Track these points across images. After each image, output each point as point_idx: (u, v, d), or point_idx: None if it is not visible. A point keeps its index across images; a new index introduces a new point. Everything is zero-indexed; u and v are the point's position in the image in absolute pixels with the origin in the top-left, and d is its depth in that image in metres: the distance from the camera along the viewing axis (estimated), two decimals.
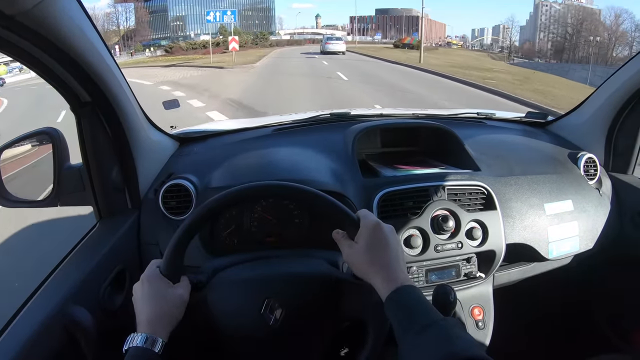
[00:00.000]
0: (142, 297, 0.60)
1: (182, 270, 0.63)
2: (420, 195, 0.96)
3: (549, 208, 1.08)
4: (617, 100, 1.19)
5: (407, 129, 1.23)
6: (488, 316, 1.00)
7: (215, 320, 0.62)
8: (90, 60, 0.75)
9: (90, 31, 0.74)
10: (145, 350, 0.55)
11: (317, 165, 1.01)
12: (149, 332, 0.56)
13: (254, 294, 0.62)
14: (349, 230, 0.62)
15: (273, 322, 0.59)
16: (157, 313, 0.58)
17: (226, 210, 0.90)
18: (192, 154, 1.11)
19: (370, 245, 0.58)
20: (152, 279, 0.61)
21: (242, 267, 0.69)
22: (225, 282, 0.65)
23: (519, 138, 1.32)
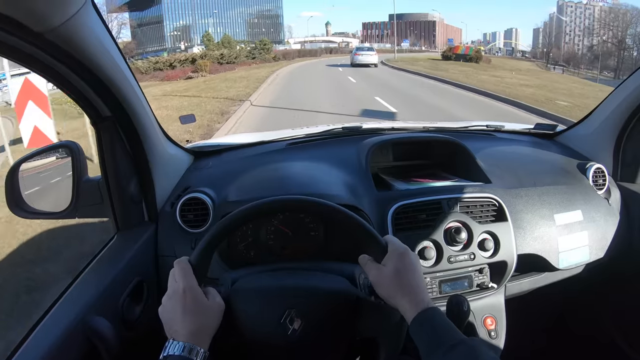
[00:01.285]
0: (184, 310, 0.59)
1: (207, 269, 0.64)
2: (433, 208, 0.98)
3: (559, 218, 1.09)
4: (624, 110, 1.20)
5: (419, 143, 1.25)
6: (500, 326, 1.01)
7: (238, 327, 0.63)
8: (113, 77, 0.77)
9: (113, 48, 0.76)
10: (185, 359, 0.55)
11: (332, 179, 1.03)
12: (191, 342, 0.56)
13: (275, 303, 0.63)
14: (376, 254, 0.64)
15: (291, 332, 0.60)
16: (200, 325, 0.59)
17: (262, 216, 0.91)
18: (207, 168, 1.13)
19: (399, 269, 0.62)
20: (193, 291, 0.60)
21: (264, 276, 0.70)
22: (248, 289, 0.66)
23: (528, 150, 1.33)
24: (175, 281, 0.62)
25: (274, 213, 0.92)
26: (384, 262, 0.63)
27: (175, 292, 0.61)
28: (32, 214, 0.94)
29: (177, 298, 0.60)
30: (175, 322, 0.59)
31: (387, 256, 0.63)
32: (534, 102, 9.05)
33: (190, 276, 0.62)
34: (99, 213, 0.96)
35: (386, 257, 0.63)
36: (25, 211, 0.92)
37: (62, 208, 0.94)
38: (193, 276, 0.62)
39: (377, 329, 0.64)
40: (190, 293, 0.60)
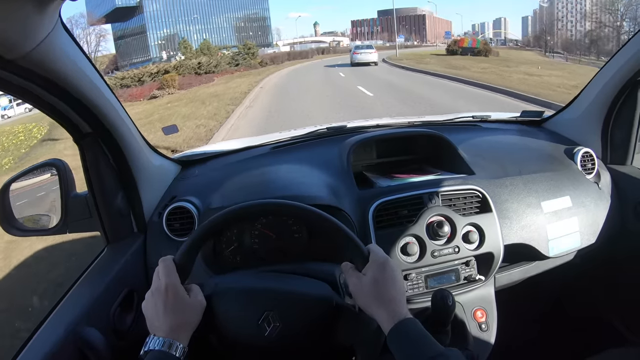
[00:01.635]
0: (166, 306, 0.61)
1: (190, 268, 0.66)
2: (414, 203, 0.98)
3: (547, 206, 1.08)
4: (609, 91, 1.19)
5: (403, 138, 1.25)
6: (491, 318, 1.00)
7: (218, 326, 0.65)
8: (89, 94, 0.79)
9: (87, 66, 0.78)
10: (166, 354, 0.57)
11: (313, 181, 1.03)
12: (170, 338, 0.58)
13: (255, 304, 0.65)
14: (358, 262, 0.65)
15: (268, 334, 0.62)
16: (180, 322, 0.61)
17: (243, 220, 0.93)
18: (193, 177, 1.14)
19: (377, 279, 0.62)
20: (175, 288, 0.62)
21: (247, 277, 0.72)
22: (229, 289, 0.68)
23: (515, 138, 1.32)
24: (159, 278, 0.64)
25: (254, 217, 0.93)
26: (364, 271, 0.64)
27: (157, 289, 0.63)
28: (24, 231, 0.96)
29: (159, 295, 0.62)
30: (156, 318, 0.61)
31: (367, 265, 0.64)
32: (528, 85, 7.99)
33: (174, 274, 0.64)
34: (89, 227, 0.98)
35: (367, 266, 0.64)
36: (18, 229, 0.95)
37: (53, 224, 0.97)
38: (176, 274, 0.64)
39: (355, 337, 0.65)
40: (172, 290, 0.62)
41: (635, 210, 1.16)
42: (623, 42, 1.19)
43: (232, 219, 0.69)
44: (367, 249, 0.66)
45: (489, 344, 0.98)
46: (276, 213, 0.72)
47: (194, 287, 0.65)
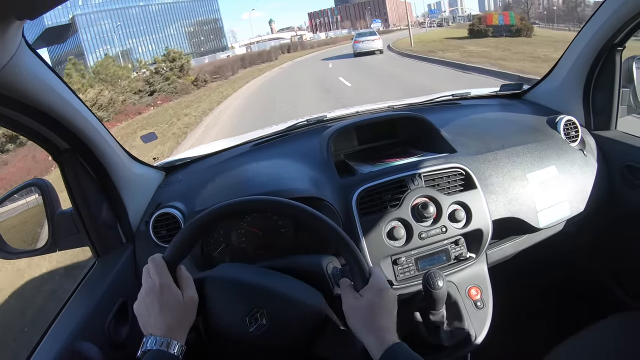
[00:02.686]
0: (161, 306, 0.60)
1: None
2: (397, 187, 0.97)
3: (532, 177, 1.08)
4: (586, 57, 1.19)
5: (383, 123, 1.24)
6: (486, 295, 1.00)
7: (205, 311, 0.65)
8: (62, 111, 0.79)
9: (57, 84, 0.78)
10: (165, 353, 0.57)
11: (293, 174, 1.03)
12: (168, 337, 0.58)
13: (246, 298, 0.64)
14: (357, 281, 0.64)
15: (253, 330, 0.61)
16: (176, 320, 0.60)
17: (233, 216, 0.92)
18: (177, 182, 1.14)
19: (373, 305, 0.61)
20: (169, 287, 0.62)
21: (242, 268, 0.71)
22: (222, 278, 0.67)
23: (496, 113, 1.32)
24: (150, 278, 0.63)
25: (245, 214, 0.94)
26: (362, 293, 0.63)
27: (151, 289, 0.62)
28: (14, 254, 0.97)
29: (153, 294, 0.61)
30: (152, 318, 0.60)
31: (366, 288, 0.63)
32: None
33: (166, 273, 0.63)
34: (78, 243, 0.98)
35: (365, 288, 0.63)
36: (7, 252, 0.95)
37: (42, 244, 0.98)
38: (168, 273, 0.63)
39: (334, 352, 0.64)
40: (167, 290, 0.61)
41: (622, 174, 1.16)
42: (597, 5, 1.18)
43: (223, 215, 0.68)
44: (369, 271, 0.65)
45: (485, 322, 0.98)
46: (282, 214, 0.71)
47: (186, 283, 0.64)
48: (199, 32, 73.74)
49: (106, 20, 61.75)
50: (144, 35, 66.25)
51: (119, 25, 60.09)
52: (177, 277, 0.64)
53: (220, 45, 73.85)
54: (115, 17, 62.55)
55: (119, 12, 63.16)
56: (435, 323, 0.92)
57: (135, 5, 64.98)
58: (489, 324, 0.98)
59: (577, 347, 0.95)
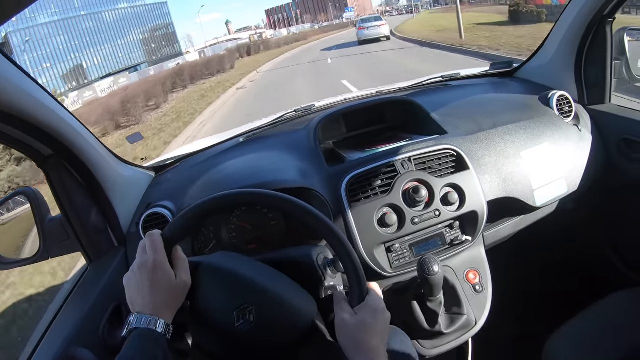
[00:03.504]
0: (152, 284, 0.59)
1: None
2: (387, 172, 0.96)
3: (527, 155, 1.06)
4: (577, 30, 1.16)
5: (372, 108, 1.22)
6: (484, 278, 0.99)
7: (195, 295, 0.63)
8: (41, 117, 0.77)
9: (34, 89, 0.76)
10: (152, 332, 0.56)
11: (281, 165, 1.02)
12: (156, 316, 0.57)
13: (238, 291, 0.63)
14: (353, 296, 0.62)
15: (240, 325, 0.60)
16: (165, 301, 0.59)
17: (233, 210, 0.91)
18: (166, 182, 1.13)
19: (367, 325, 0.59)
20: (162, 266, 0.60)
21: (240, 260, 0.70)
22: (219, 266, 0.66)
23: (486, 92, 1.30)
24: (146, 253, 0.61)
25: (254, 205, 0.92)
26: (357, 310, 0.60)
27: (144, 265, 0.60)
28: (7, 264, 0.96)
29: (146, 271, 0.60)
30: (140, 296, 0.59)
31: (362, 305, 0.61)
32: None
33: (161, 251, 0.61)
34: (70, 249, 0.98)
35: (361, 306, 0.61)
36: (2, 263, 0.95)
37: (34, 252, 0.97)
38: (164, 251, 0.62)
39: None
40: (160, 269, 0.60)
41: (619, 148, 1.14)
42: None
43: (228, 204, 0.67)
44: (367, 289, 0.63)
45: (485, 305, 0.96)
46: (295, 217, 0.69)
47: (181, 265, 0.63)
48: (151, 38, 68.64)
49: (51, 36, 54.67)
50: (94, 47, 60.15)
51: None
52: (173, 257, 0.63)
53: (174, 51, 68.97)
54: (57, 30, 55.52)
55: (60, 24, 56.07)
56: (434, 310, 0.90)
57: (76, 16, 58.04)
58: (489, 307, 0.96)
59: (579, 327, 0.93)
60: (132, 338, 0.56)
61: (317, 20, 77.84)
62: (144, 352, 0.54)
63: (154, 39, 69.01)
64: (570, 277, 1.36)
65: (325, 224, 0.63)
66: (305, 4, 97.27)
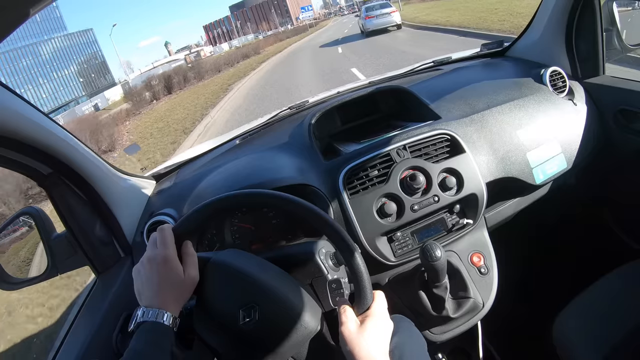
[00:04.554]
0: (160, 278, 0.60)
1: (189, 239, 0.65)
2: (383, 162, 0.96)
3: (523, 134, 1.05)
4: (564, 3, 1.15)
5: (364, 99, 1.21)
6: (489, 260, 0.98)
7: (201, 290, 0.64)
8: (37, 137, 0.78)
9: (28, 110, 0.77)
10: (160, 324, 0.57)
11: (277, 163, 1.02)
12: (164, 309, 0.58)
13: (245, 290, 0.63)
14: (359, 304, 0.63)
15: (244, 323, 0.61)
16: (172, 295, 0.60)
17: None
18: (167, 189, 1.14)
19: (371, 333, 0.59)
20: (171, 261, 0.61)
21: (248, 256, 0.70)
22: (229, 263, 0.66)
23: (478, 73, 1.29)
24: (156, 247, 0.63)
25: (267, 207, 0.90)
26: (361, 319, 0.61)
27: (153, 259, 0.61)
28: (17, 284, 0.98)
29: (155, 265, 0.61)
30: (149, 289, 0.60)
31: (367, 313, 0.61)
32: None
33: (171, 245, 0.62)
34: (77, 263, 0.99)
35: (366, 313, 0.61)
36: (10, 283, 0.96)
37: (42, 270, 0.99)
38: (174, 245, 0.63)
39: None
40: (169, 263, 0.61)
41: (616, 119, 1.13)
42: None
43: (242, 203, 0.67)
44: (373, 296, 0.63)
45: (492, 287, 0.96)
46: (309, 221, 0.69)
47: (190, 260, 0.64)
48: (82, 72, 64.23)
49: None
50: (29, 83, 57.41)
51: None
52: (182, 252, 0.64)
53: (106, 82, 63.87)
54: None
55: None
56: (440, 295, 0.90)
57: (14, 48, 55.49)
58: (495, 289, 0.96)
59: (587, 302, 0.93)
60: (140, 331, 0.57)
61: (260, 30, 73.52)
62: (152, 344, 0.56)
63: (84, 72, 65.19)
64: (575, 253, 1.36)
65: (337, 232, 0.63)
66: (244, 15, 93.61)
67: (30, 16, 0.50)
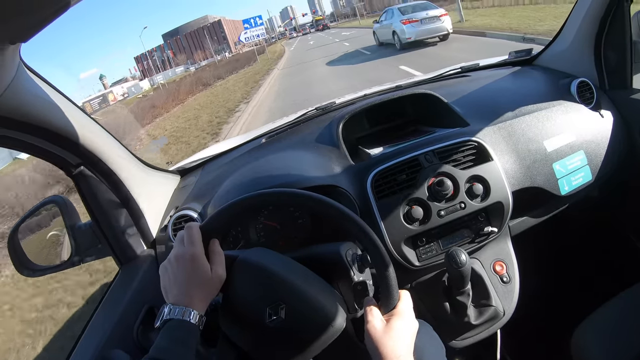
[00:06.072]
0: (186, 276, 0.60)
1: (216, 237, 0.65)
2: (412, 166, 0.95)
3: (549, 144, 1.05)
4: (594, 14, 1.14)
5: (393, 103, 1.21)
6: (511, 269, 0.98)
7: (228, 288, 0.65)
8: (68, 127, 0.79)
9: (60, 101, 0.78)
10: (186, 322, 0.57)
11: (306, 164, 1.02)
12: (190, 307, 0.58)
13: (273, 289, 0.64)
14: (385, 302, 0.63)
15: (270, 321, 0.61)
16: (199, 293, 0.60)
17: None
18: (192, 184, 1.15)
19: (396, 332, 0.60)
20: (198, 259, 0.61)
21: (275, 255, 0.71)
22: (256, 262, 0.66)
23: (506, 81, 1.28)
24: (183, 245, 0.63)
25: (294, 206, 0.93)
26: (387, 318, 0.62)
27: (181, 257, 0.62)
28: (39, 271, 0.98)
29: (182, 263, 0.61)
30: (175, 286, 0.61)
31: (394, 312, 0.62)
32: None
33: (199, 243, 0.63)
34: (100, 254, 1.00)
35: (392, 313, 0.62)
36: (32, 270, 0.97)
37: (65, 259, 0.99)
38: (201, 243, 0.63)
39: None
40: (197, 261, 0.61)
41: None
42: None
43: (270, 202, 0.68)
44: (399, 295, 0.64)
45: (513, 296, 0.96)
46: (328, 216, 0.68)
47: (217, 258, 0.64)
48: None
49: None
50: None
51: None
52: (210, 250, 0.64)
53: None
54: None
55: None
56: (462, 302, 0.90)
57: None
58: (517, 298, 0.96)
59: (607, 316, 0.92)
60: (166, 329, 0.57)
61: (193, 60, 66.79)
62: (177, 341, 0.56)
63: None
64: (596, 265, 1.35)
65: (364, 231, 0.63)
66: (178, 43, 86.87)
67: (72, 5, 0.51)
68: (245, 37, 25.35)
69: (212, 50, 77.62)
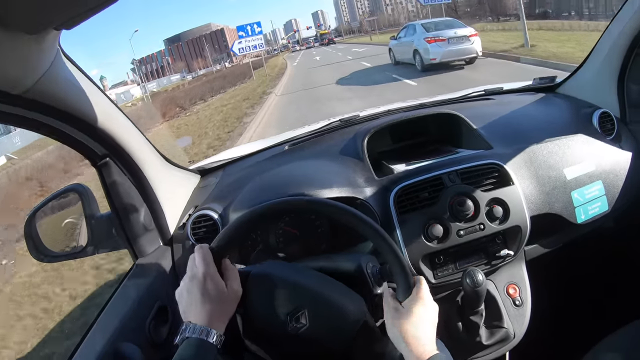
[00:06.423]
0: (203, 295, 0.61)
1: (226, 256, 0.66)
2: (434, 185, 0.96)
3: (569, 172, 1.06)
4: (620, 47, 1.15)
5: (415, 120, 1.22)
6: (524, 293, 0.99)
7: (247, 304, 0.65)
8: (100, 118, 0.80)
9: (94, 91, 0.79)
10: (204, 341, 0.58)
11: (329, 174, 1.03)
12: (208, 326, 0.59)
13: (290, 296, 0.64)
14: (400, 289, 0.64)
15: (292, 329, 0.62)
16: (217, 311, 0.61)
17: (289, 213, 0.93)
18: (213, 184, 1.15)
19: (415, 316, 0.61)
20: (212, 277, 0.62)
21: (287, 267, 0.71)
22: (269, 274, 0.67)
23: (529, 107, 1.29)
24: (196, 266, 0.64)
25: (300, 213, 0.94)
26: (404, 304, 0.63)
27: (194, 277, 0.63)
28: (54, 257, 0.98)
29: (196, 283, 0.62)
30: (193, 306, 0.61)
31: (410, 298, 0.63)
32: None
33: (211, 262, 0.64)
34: (116, 246, 1.00)
35: (409, 298, 0.63)
36: (47, 256, 0.97)
37: (81, 247, 0.99)
38: (213, 263, 0.64)
39: (370, 358, 0.65)
40: (211, 280, 0.62)
41: None
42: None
43: (277, 211, 0.69)
44: (414, 280, 0.64)
45: (524, 320, 0.96)
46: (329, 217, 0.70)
47: (231, 275, 0.65)
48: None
49: None
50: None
51: None
52: (223, 268, 0.65)
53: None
54: None
55: None
56: (475, 321, 0.91)
57: None
58: (528, 322, 0.97)
59: (618, 343, 0.92)
60: (185, 346, 0.58)
61: (192, 69, 64.79)
62: (196, 359, 0.57)
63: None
64: (610, 293, 1.35)
65: (369, 224, 0.65)
66: (179, 50, 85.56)
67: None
68: (239, 48, 18.70)
69: (210, 60, 75.73)
